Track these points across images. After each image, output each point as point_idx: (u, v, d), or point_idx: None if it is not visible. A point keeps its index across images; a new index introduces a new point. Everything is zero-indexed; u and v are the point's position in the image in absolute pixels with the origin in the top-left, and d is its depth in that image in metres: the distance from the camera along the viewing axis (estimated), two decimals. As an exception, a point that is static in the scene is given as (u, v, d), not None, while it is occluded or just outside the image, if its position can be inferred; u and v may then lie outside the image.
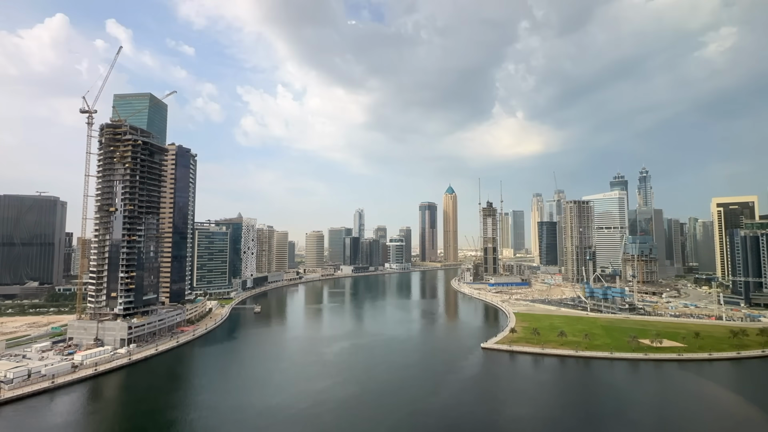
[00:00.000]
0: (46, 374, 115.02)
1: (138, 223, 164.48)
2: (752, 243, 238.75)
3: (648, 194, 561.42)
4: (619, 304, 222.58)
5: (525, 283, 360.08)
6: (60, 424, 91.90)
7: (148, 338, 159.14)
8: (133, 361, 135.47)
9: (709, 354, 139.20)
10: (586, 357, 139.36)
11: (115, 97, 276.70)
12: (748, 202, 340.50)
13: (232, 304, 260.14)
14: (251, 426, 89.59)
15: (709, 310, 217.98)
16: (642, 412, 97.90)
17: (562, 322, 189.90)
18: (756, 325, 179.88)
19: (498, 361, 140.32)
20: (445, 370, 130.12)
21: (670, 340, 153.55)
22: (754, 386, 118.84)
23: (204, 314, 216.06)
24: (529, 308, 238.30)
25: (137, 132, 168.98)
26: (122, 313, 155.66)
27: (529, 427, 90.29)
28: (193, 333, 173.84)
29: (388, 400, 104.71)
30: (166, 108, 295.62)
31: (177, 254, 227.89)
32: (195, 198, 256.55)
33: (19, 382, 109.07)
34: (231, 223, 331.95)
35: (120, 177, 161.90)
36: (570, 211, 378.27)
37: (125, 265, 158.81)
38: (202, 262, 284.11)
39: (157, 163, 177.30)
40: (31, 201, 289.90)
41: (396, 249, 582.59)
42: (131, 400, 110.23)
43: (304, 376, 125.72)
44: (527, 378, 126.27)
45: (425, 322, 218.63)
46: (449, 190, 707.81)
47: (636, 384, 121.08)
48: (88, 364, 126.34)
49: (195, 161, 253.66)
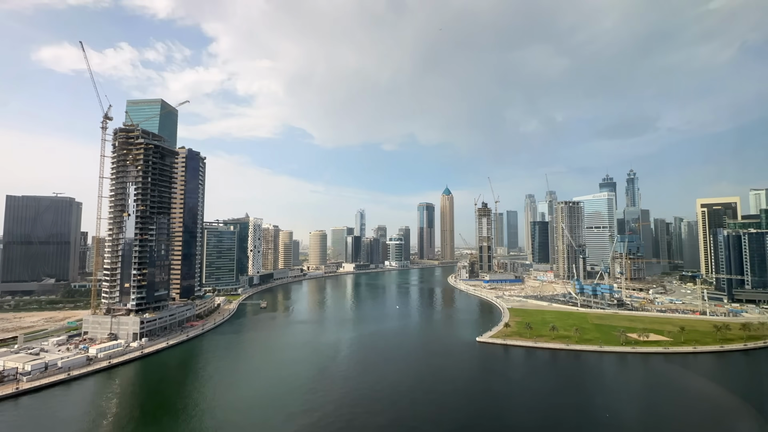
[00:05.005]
0: (62, 367, 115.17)
1: (150, 222, 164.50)
2: (735, 242, 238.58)
3: (636, 195, 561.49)
4: (608, 300, 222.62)
5: (518, 280, 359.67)
6: (75, 414, 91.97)
7: (160, 332, 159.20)
8: (145, 354, 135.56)
9: (694, 348, 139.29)
10: (577, 350, 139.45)
11: (128, 103, 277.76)
12: (731, 203, 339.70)
13: (239, 299, 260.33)
14: (254, 415, 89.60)
15: (693, 306, 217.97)
16: (630, 402, 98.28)
17: (553, 317, 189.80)
18: (738, 320, 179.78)
19: (493, 353, 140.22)
20: (442, 362, 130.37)
21: (656, 334, 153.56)
22: (737, 378, 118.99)
23: (212, 309, 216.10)
24: (522, 304, 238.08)
25: (149, 136, 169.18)
26: (135, 308, 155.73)
27: (523, 415, 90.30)
28: (202, 327, 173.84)
29: (388, 390, 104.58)
30: (177, 114, 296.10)
31: (187, 252, 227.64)
32: (204, 199, 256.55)
33: (37, 374, 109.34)
34: (238, 222, 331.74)
35: (133, 179, 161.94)
36: (561, 212, 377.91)
37: (137, 263, 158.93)
38: (211, 259, 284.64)
39: (168, 165, 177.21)
40: (48, 201, 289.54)
41: (395, 247, 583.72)
42: (143, 391, 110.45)
43: (305, 369, 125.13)
44: (521, 370, 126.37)
45: (423, 317, 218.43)
46: (446, 191, 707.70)
47: (624, 376, 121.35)
48: (102, 357, 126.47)
49: (204, 164, 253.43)
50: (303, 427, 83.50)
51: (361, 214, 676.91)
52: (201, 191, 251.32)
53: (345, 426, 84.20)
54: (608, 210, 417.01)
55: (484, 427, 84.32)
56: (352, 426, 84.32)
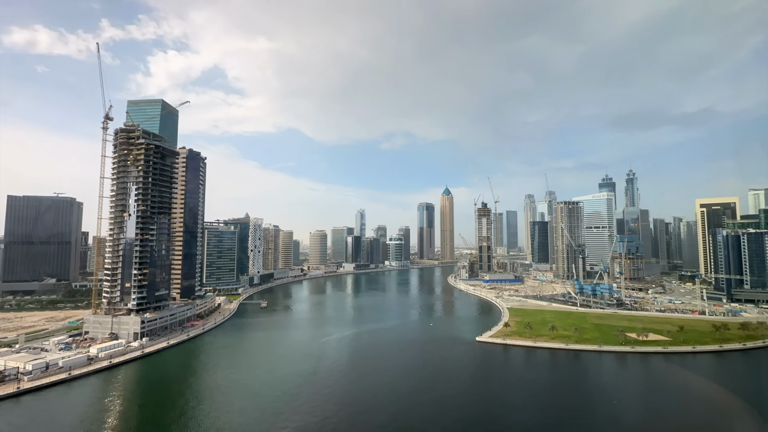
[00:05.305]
0: (63, 366, 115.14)
1: (150, 222, 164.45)
2: (734, 242, 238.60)
3: (635, 195, 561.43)
4: (607, 300, 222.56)
5: (518, 279, 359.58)
6: (76, 413, 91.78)
7: (160, 332, 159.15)
8: (146, 354, 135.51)
9: (693, 347, 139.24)
10: (576, 350, 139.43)
11: (129, 103, 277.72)
12: (730, 203, 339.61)
13: (240, 299, 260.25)
14: (255, 415, 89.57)
15: (692, 306, 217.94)
16: (629, 402, 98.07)
17: (553, 317, 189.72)
18: (737, 319, 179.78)
19: (492, 353, 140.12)
20: (442, 362, 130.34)
21: (655, 333, 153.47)
22: (736, 377, 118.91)
23: (213, 309, 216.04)
24: (521, 304, 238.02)
25: (150, 136, 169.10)
26: (135, 308, 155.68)
27: (523, 415, 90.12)
28: (203, 327, 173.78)
29: (388, 390, 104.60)
30: (177, 114, 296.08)
31: (187, 252, 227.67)
32: (204, 199, 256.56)
33: (38, 374, 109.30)
34: (239, 222, 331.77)
35: (133, 179, 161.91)
36: (560, 212, 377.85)
37: (138, 263, 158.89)
38: (212, 259, 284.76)
39: (168, 165, 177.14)
40: (49, 201, 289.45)
41: (395, 247, 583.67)
42: (143, 390, 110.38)
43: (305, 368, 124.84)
44: (520, 369, 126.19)
45: (423, 316, 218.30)
46: (446, 191, 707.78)
47: (623, 375, 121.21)
48: (103, 357, 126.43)
49: (204, 164, 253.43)
50: (304, 425, 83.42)
51: (361, 214, 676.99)
52: (201, 191, 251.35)
53: (345, 425, 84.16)
54: (608, 210, 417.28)
55: (483, 426, 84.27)
56: (352, 425, 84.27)
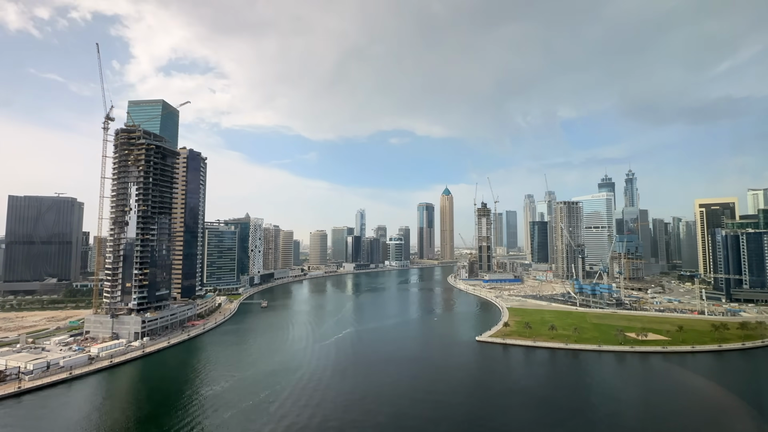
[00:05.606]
0: (64, 366, 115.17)
1: (151, 222, 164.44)
2: (733, 242, 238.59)
3: (634, 195, 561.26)
4: (607, 300, 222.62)
5: (517, 279, 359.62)
6: (76, 413, 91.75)
7: (161, 332, 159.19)
8: (147, 353, 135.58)
9: (692, 347, 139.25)
10: (576, 349, 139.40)
11: (130, 104, 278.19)
12: (729, 203, 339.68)
13: (240, 299, 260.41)
14: (255, 414, 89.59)
15: (691, 306, 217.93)
16: (628, 401, 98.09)
17: (552, 317, 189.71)
18: (736, 319, 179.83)
19: (492, 353, 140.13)
20: (442, 361, 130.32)
21: (655, 333, 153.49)
22: (735, 377, 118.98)
23: (213, 309, 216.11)
24: (521, 303, 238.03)
25: (150, 136, 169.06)
26: (136, 308, 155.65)
27: (523, 414, 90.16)
28: (203, 327, 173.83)
29: (388, 389, 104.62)
30: (178, 114, 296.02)
31: (188, 252, 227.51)
32: (205, 199, 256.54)
33: (39, 374, 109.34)
34: (239, 222, 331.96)
35: (134, 179, 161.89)
36: (560, 212, 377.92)
37: (139, 263, 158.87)
38: (212, 259, 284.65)
39: (169, 165, 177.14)
40: (50, 201, 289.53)
41: (395, 247, 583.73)
42: (144, 389, 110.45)
43: (305, 368, 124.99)
44: (520, 369, 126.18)
45: (423, 316, 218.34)
46: (446, 192, 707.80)
47: (622, 375, 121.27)
48: (103, 356, 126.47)
49: (205, 164, 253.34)
50: (304, 425, 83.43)
51: (361, 214, 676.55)
52: (202, 191, 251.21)
53: (345, 424, 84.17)
54: (607, 210, 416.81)
55: (483, 426, 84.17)
56: (352, 424, 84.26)
